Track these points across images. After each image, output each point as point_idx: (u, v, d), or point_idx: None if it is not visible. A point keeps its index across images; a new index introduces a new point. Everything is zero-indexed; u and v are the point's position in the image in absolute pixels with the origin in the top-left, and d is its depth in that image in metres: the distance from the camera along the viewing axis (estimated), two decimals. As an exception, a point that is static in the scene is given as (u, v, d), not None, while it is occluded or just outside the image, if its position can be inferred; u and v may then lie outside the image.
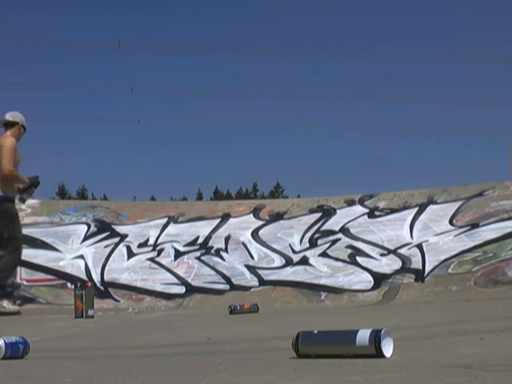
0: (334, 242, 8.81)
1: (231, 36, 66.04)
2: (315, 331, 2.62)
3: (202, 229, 9.34)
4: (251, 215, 9.59)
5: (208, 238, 9.14)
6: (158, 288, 8.30)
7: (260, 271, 8.45)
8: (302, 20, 68.11)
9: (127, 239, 9.16)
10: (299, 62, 69.35)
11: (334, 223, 9.17)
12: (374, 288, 7.84)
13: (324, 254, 8.62)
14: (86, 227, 9.36)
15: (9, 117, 7.26)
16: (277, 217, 9.50)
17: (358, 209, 9.43)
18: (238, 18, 68.92)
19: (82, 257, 8.81)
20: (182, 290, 8.27)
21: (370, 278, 8.01)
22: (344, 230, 8.98)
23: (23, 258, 8.52)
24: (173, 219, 9.58)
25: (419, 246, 8.42)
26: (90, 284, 6.65)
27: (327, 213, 9.42)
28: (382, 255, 8.43)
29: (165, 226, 9.42)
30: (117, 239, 9.16)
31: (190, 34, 64.97)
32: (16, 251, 7.19)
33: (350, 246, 8.67)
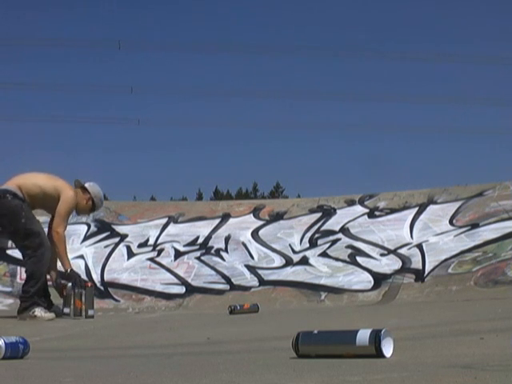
0: (334, 241, 8.81)
1: (231, 36, 66.08)
2: (315, 331, 2.62)
3: (202, 229, 9.34)
4: (251, 215, 9.59)
5: (208, 238, 9.14)
6: (158, 288, 8.30)
7: (260, 271, 8.45)
8: (302, 20, 68.10)
9: (127, 239, 9.16)
10: (299, 62, 69.37)
11: (334, 223, 9.17)
12: (373, 288, 7.84)
13: (324, 254, 8.62)
14: (85, 227, 9.36)
15: (87, 185, 6.42)
16: (277, 217, 9.50)
17: (358, 209, 9.43)
18: (238, 17, 68.93)
19: (82, 257, 8.81)
20: (182, 289, 8.27)
21: (370, 278, 8.01)
22: (344, 230, 8.98)
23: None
24: (173, 219, 9.58)
25: (419, 246, 8.42)
26: (90, 284, 6.62)
27: (327, 213, 9.42)
28: (382, 255, 8.43)
29: (165, 226, 9.42)
30: (117, 239, 9.16)
31: (190, 34, 65.01)
32: (38, 249, 6.00)
33: (349, 246, 8.67)
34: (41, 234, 6.13)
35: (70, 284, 6.23)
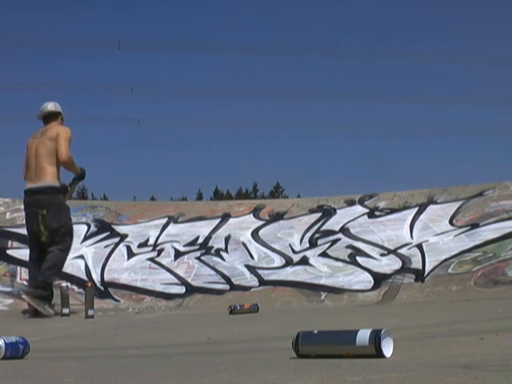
0: (334, 241, 8.80)
1: (231, 36, 66.07)
2: (315, 331, 2.62)
3: (202, 229, 9.34)
4: (251, 215, 9.59)
5: (208, 238, 9.14)
6: (158, 288, 8.30)
7: (260, 271, 8.45)
8: (302, 20, 68.12)
9: (127, 239, 9.16)
10: (299, 62, 69.38)
11: (333, 223, 9.17)
12: (373, 288, 7.84)
13: (324, 254, 8.62)
14: (85, 227, 9.36)
15: (51, 107, 6.76)
16: (277, 217, 9.50)
17: (358, 209, 9.43)
18: (238, 17, 68.95)
19: (82, 257, 8.81)
20: (181, 290, 8.27)
21: (370, 278, 8.01)
22: (344, 230, 8.98)
23: (23, 258, 8.53)
24: (173, 219, 9.58)
25: (419, 246, 8.42)
26: (90, 284, 6.63)
27: (327, 213, 9.42)
28: (382, 255, 8.43)
29: (165, 226, 9.42)
30: (117, 239, 9.16)
31: (190, 34, 65.02)
32: (67, 249, 6.62)
33: (350, 246, 8.67)
34: (72, 237, 6.76)
35: (65, 285, 6.39)
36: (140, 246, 9.05)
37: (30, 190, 6.50)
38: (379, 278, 7.98)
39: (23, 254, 8.63)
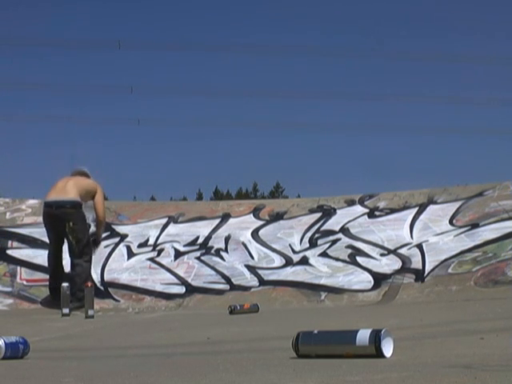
0: (334, 241, 8.80)
1: (232, 35, 66.01)
2: (315, 331, 2.62)
3: (202, 229, 9.33)
4: (251, 215, 9.59)
5: (208, 238, 9.13)
6: (158, 288, 8.29)
7: (260, 271, 8.45)
8: (302, 20, 68.12)
9: (127, 239, 9.15)
10: (299, 62, 69.33)
11: (333, 223, 9.17)
12: (374, 288, 7.83)
13: (324, 254, 8.61)
14: (85, 227, 9.34)
15: (85, 169, 8.03)
16: (277, 217, 9.50)
17: (358, 209, 9.42)
18: (238, 17, 68.94)
19: (82, 257, 8.79)
20: (181, 290, 8.26)
21: (370, 278, 8.00)
22: (344, 230, 8.97)
23: (23, 258, 8.53)
24: (173, 219, 9.57)
25: (419, 246, 8.41)
26: (90, 284, 6.63)
27: (327, 213, 9.42)
28: (382, 255, 8.42)
29: (165, 226, 9.42)
30: (117, 239, 9.15)
31: (190, 34, 64.95)
32: (91, 257, 7.58)
33: (350, 246, 8.67)
34: (91, 245, 7.68)
35: (65, 285, 6.43)
36: (140, 245, 9.05)
37: (57, 201, 7.42)
38: (379, 278, 7.98)
39: (23, 253, 8.63)
